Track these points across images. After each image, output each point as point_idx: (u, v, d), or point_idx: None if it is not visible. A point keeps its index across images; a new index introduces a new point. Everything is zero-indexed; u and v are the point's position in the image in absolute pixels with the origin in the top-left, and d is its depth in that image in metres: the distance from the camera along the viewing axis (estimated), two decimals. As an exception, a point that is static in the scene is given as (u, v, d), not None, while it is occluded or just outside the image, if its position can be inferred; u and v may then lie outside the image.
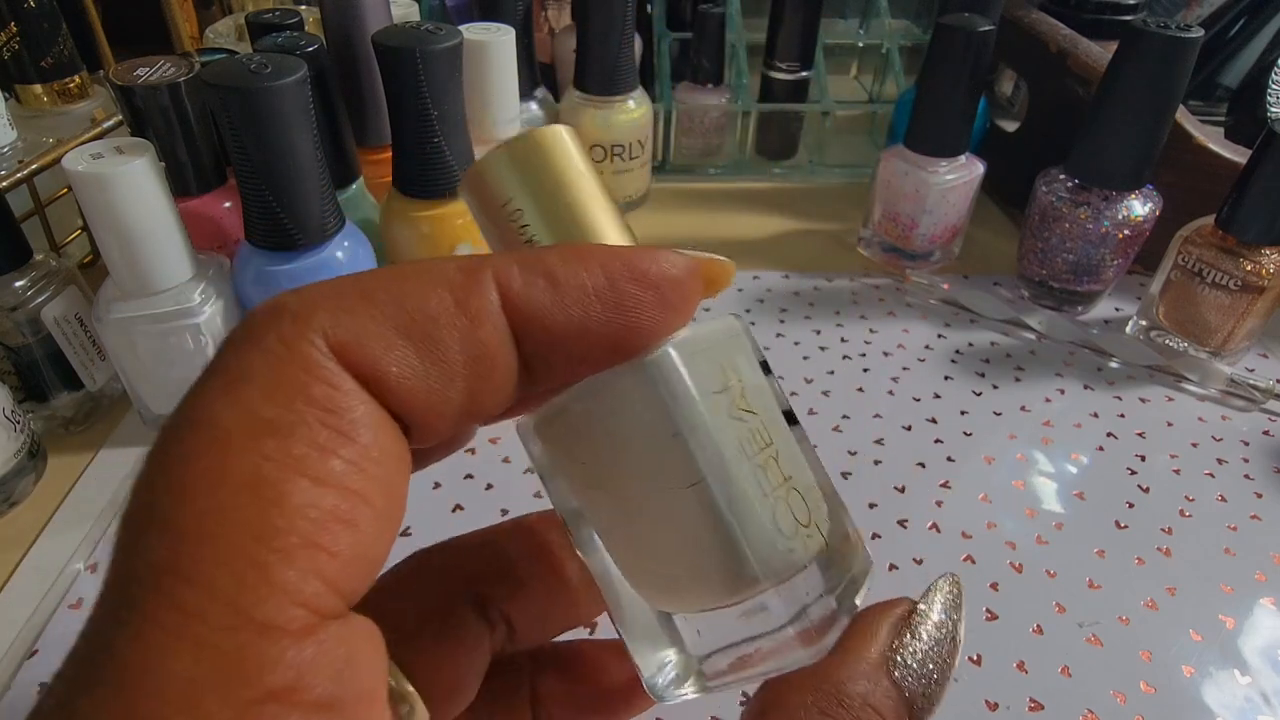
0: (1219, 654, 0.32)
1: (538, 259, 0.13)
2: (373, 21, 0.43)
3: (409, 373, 0.11)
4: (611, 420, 0.14)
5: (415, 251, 0.42)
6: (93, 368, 0.40)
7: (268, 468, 0.10)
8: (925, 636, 0.14)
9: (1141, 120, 0.44)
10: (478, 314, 0.12)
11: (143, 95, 0.36)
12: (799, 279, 0.53)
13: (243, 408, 0.10)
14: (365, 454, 0.11)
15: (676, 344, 0.14)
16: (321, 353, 0.11)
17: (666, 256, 0.13)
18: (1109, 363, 0.47)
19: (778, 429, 0.15)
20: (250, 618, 0.09)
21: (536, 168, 0.15)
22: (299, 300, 0.11)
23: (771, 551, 0.13)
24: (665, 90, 0.63)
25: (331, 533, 0.10)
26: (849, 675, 0.13)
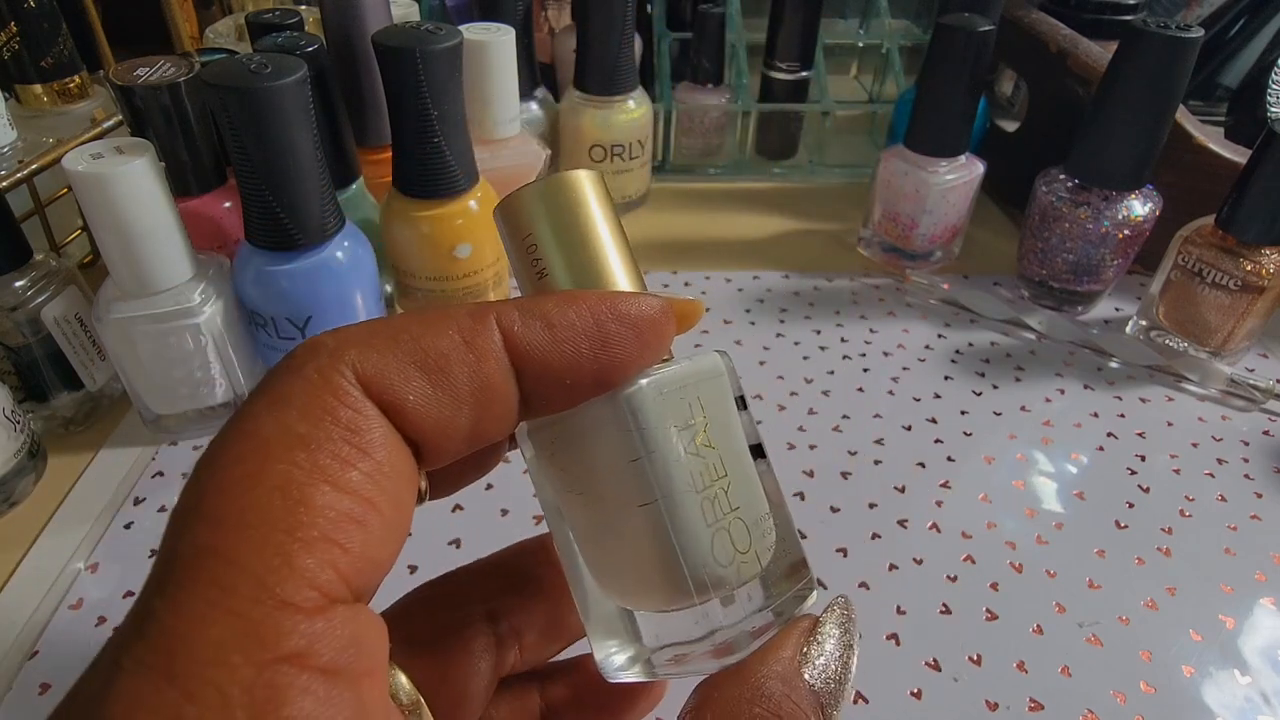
0: (1219, 654, 0.32)
1: (536, 304, 0.15)
2: (373, 21, 0.43)
3: (423, 401, 0.14)
4: (588, 439, 0.16)
5: (415, 251, 0.42)
6: (93, 368, 0.40)
7: (297, 473, 0.12)
8: (829, 645, 0.16)
9: (1141, 120, 0.44)
10: (483, 351, 0.14)
11: (143, 95, 0.36)
12: (799, 279, 0.53)
13: (282, 424, 0.13)
14: (379, 468, 0.13)
15: (650, 382, 0.16)
16: (349, 382, 0.13)
17: (644, 299, 0.16)
18: (1109, 363, 0.47)
19: (736, 463, 0.17)
20: (274, 594, 0.11)
21: (559, 208, 0.17)
22: (334, 339, 0.14)
23: (706, 572, 0.16)
24: (665, 90, 0.63)
25: (345, 531, 0.12)
26: (770, 673, 0.15)
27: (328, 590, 0.12)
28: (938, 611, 0.33)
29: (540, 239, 0.17)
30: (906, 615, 0.33)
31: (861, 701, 0.30)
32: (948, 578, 0.34)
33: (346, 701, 0.12)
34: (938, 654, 0.31)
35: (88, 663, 0.11)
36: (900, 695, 0.30)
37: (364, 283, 0.38)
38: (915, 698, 0.30)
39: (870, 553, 0.35)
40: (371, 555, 0.13)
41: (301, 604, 0.11)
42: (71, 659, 0.30)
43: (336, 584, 0.12)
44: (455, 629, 0.18)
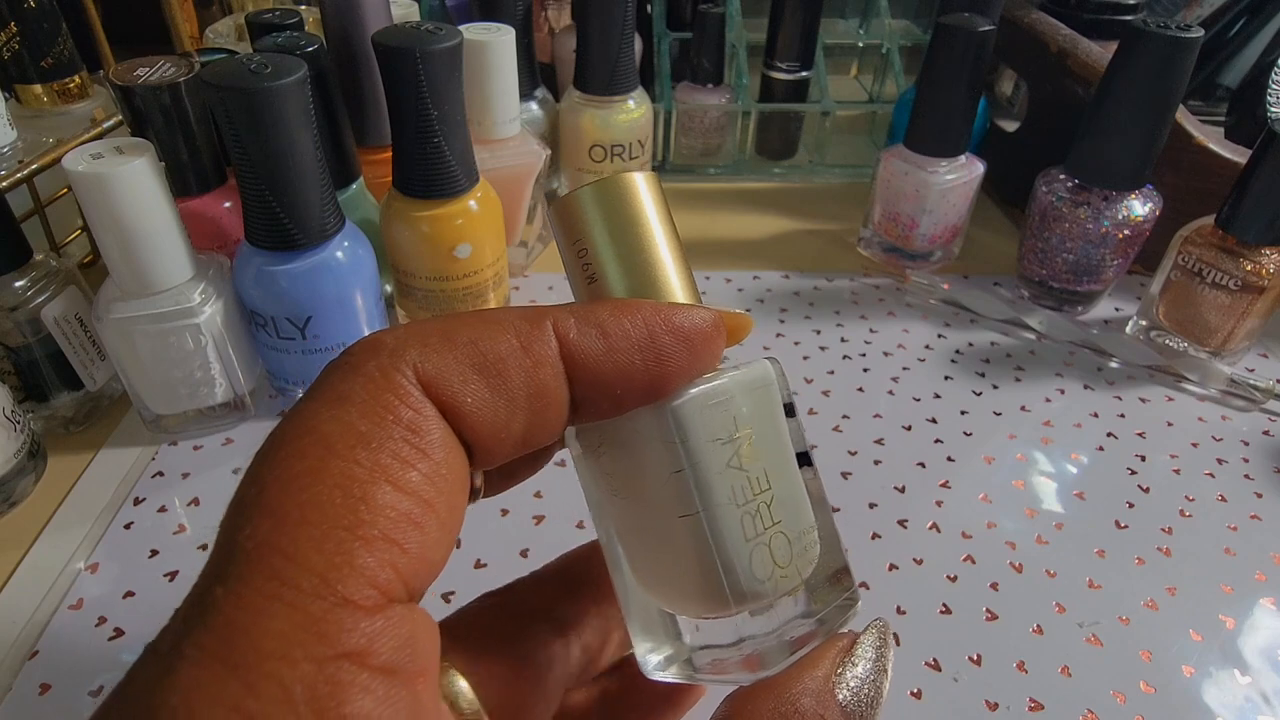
0: (1219, 654, 0.32)
1: (591, 312, 0.15)
2: (373, 21, 0.43)
3: (480, 404, 0.14)
4: (632, 446, 0.16)
5: (415, 251, 0.42)
6: (93, 368, 0.40)
7: (359, 471, 0.12)
8: (862, 666, 0.16)
9: (1141, 120, 0.44)
10: (539, 357, 0.14)
11: (143, 95, 0.36)
12: (799, 279, 0.53)
13: (343, 421, 0.13)
14: (437, 470, 0.13)
15: (696, 395, 0.16)
16: (410, 382, 0.13)
17: (697, 312, 0.16)
18: (1109, 363, 0.47)
19: (782, 474, 0.17)
20: (334, 591, 0.11)
21: (613, 211, 0.17)
22: (394, 338, 0.14)
23: (744, 586, 0.16)
24: (665, 90, 0.63)
25: (404, 531, 0.12)
26: (803, 690, 0.15)
27: (386, 589, 0.12)
28: (938, 611, 0.33)
29: (593, 243, 0.17)
30: (906, 615, 0.33)
31: (861, 701, 0.30)
32: (948, 578, 0.34)
33: (403, 700, 0.12)
34: (938, 654, 0.31)
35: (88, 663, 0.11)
36: (900, 695, 0.30)
37: (364, 283, 0.38)
38: (915, 698, 0.30)
39: (870, 553, 0.35)
40: (428, 556, 0.13)
41: (362, 602, 0.11)
42: (71, 659, 0.30)
43: (395, 583, 0.12)
44: (519, 638, 0.18)
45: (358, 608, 0.11)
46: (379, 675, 0.11)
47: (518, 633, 0.18)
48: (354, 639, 0.11)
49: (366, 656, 0.11)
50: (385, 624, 0.12)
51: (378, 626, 0.12)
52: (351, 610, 0.11)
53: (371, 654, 0.11)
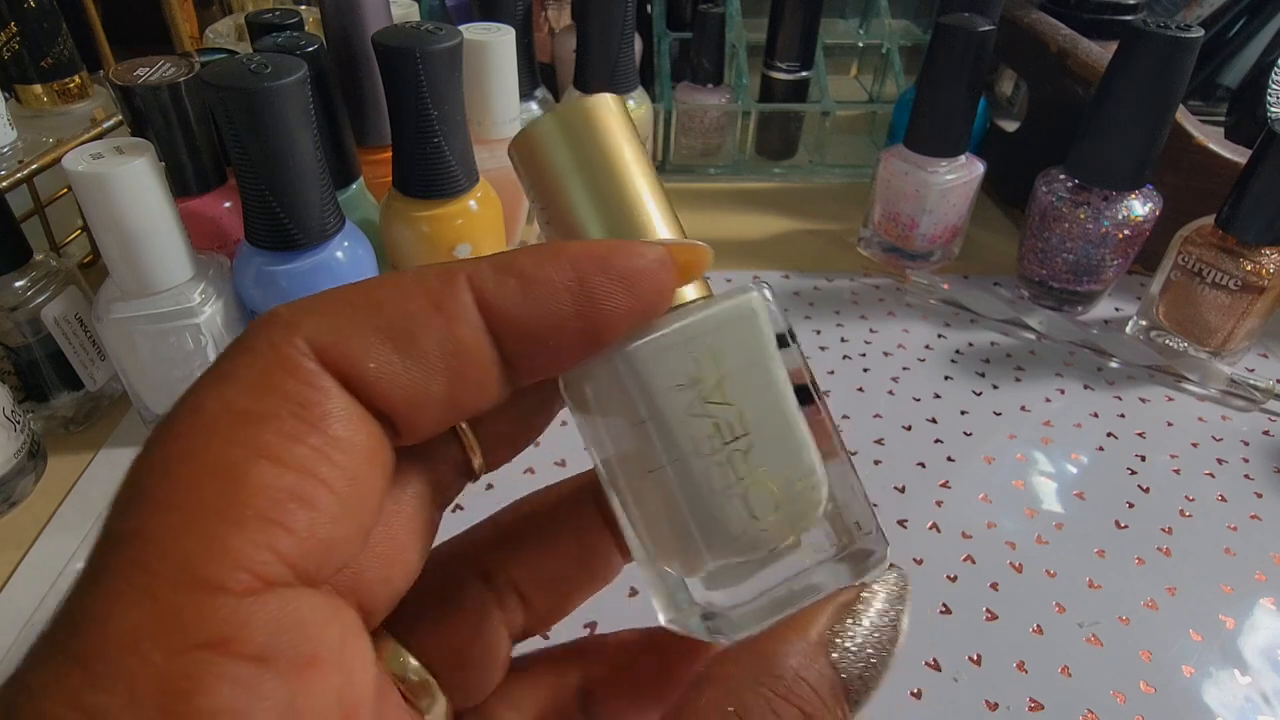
0: (1219, 654, 0.32)
1: (511, 260, 0.14)
2: (373, 21, 0.43)
3: (388, 369, 0.13)
4: (599, 400, 0.15)
5: (415, 251, 0.42)
6: (93, 368, 0.40)
7: (237, 451, 0.11)
8: (866, 623, 0.14)
9: (1141, 120, 0.44)
10: (452, 313, 0.13)
11: (143, 95, 0.36)
12: (799, 279, 0.53)
13: (224, 400, 0.12)
14: (333, 444, 0.12)
15: (648, 339, 0.14)
16: (303, 354, 0.12)
17: (636, 248, 0.14)
18: (1109, 363, 0.47)
19: (767, 416, 0.15)
20: (197, 576, 0.11)
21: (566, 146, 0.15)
22: (289, 309, 0.13)
23: (718, 541, 0.14)
24: (665, 90, 0.63)
25: (288, 510, 0.11)
26: (786, 651, 0.14)
27: (263, 573, 0.11)
28: (938, 611, 0.33)
29: (545, 184, 0.16)
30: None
31: (861, 701, 0.30)
32: (948, 578, 0.34)
33: (275, 690, 0.11)
34: (938, 654, 0.31)
35: None
36: (900, 695, 0.30)
37: (364, 283, 0.38)
38: (915, 698, 0.30)
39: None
40: (322, 535, 0.12)
41: (230, 587, 0.11)
42: (71, 659, 0.30)
43: (273, 565, 0.11)
44: (449, 594, 0.17)
45: (225, 593, 0.11)
46: (247, 663, 0.11)
47: (448, 588, 0.17)
48: (216, 627, 0.11)
49: (232, 644, 0.11)
50: (258, 609, 0.11)
51: (247, 612, 0.11)
52: (216, 596, 0.11)
53: (239, 641, 0.11)
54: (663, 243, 0.15)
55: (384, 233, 0.42)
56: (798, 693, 0.13)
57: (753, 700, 0.13)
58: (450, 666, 0.17)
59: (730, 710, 0.13)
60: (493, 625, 0.17)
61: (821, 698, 0.13)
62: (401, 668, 0.16)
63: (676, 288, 0.15)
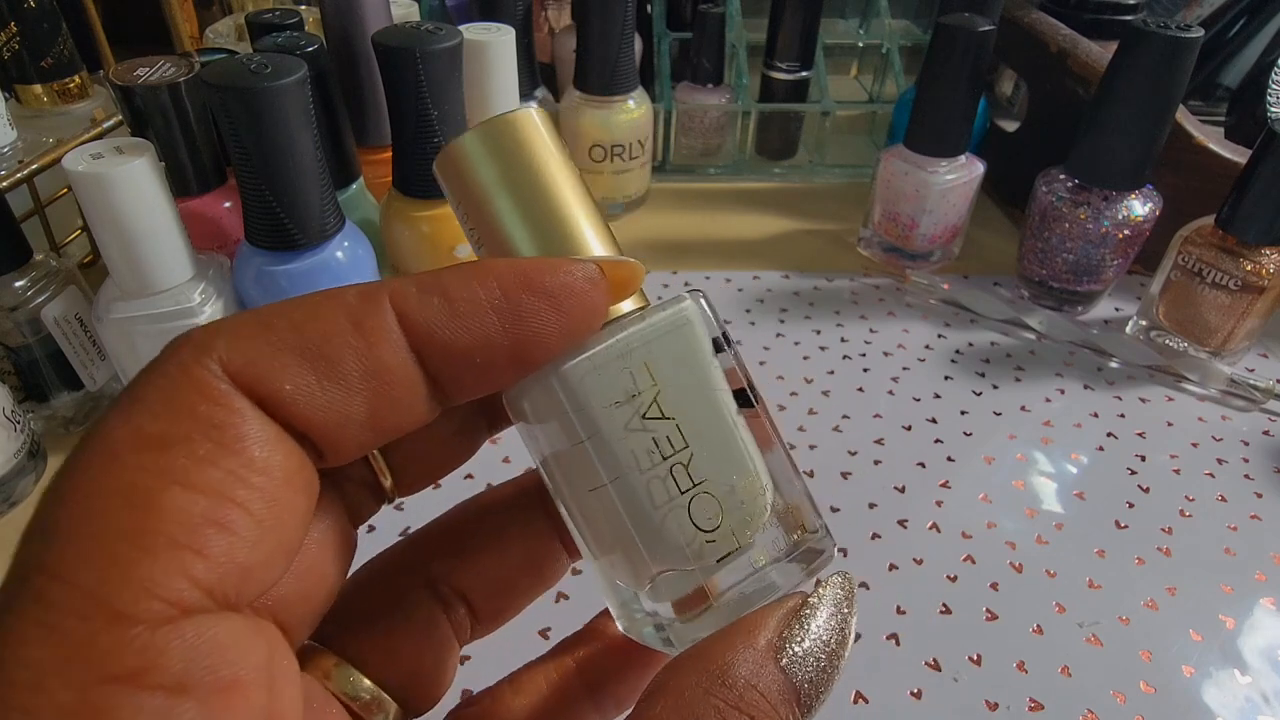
0: (1219, 654, 0.32)
1: (435, 278, 0.13)
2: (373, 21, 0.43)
3: (305, 391, 0.12)
4: (537, 415, 0.15)
5: (415, 251, 0.42)
6: (93, 368, 0.40)
7: (144, 477, 0.11)
8: (814, 627, 0.14)
9: (1141, 120, 0.44)
10: (373, 333, 0.13)
11: (143, 95, 0.36)
12: (799, 279, 0.53)
13: (132, 426, 0.12)
14: (249, 466, 0.12)
15: (583, 357, 0.14)
16: (215, 375, 0.12)
17: (565, 267, 0.14)
18: (1109, 363, 0.47)
19: (705, 427, 0.15)
20: (107, 607, 0.10)
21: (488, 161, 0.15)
22: (202, 330, 0.13)
23: (665, 552, 0.15)
24: (665, 90, 0.63)
25: (202, 535, 0.11)
26: (735, 659, 0.13)
27: (176, 600, 0.11)
28: (938, 611, 0.33)
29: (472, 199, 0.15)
30: (906, 615, 0.33)
31: (861, 701, 0.30)
32: (948, 578, 0.34)
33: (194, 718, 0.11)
34: (938, 654, 0.31)
35: None
36: (900, 695, 0.30)
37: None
38: (915, 698, 0.30)
39: (870, 553, 0.35)
40: (240, 560, 0.11)
41: (141, 616, 0.10)
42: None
43: (188, 592, 0.11)
44: (396, 607, 0.17)
45: (136, 623, 0.10)
46: (160, 694, 0.10)
47: (395, 601, 0.17)
48: (128, 659, 0.10)
49: (145, 675, 0.10)
50: (174, 638, 0.11)
51: (160, 642, 0.10)
52: (127, 627, 0.10)
53: (153, 672, 0.10)
54: (595, 259, 0.15)
55: (384, 233, 0.42)
56: (750, 700, 0.13)
57: (705, 710, 0.13)
58: (402, 678, 0.17)
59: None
60: (442, 634, 0.17)
61: (772, 704, 0.13)
62: (352, 688, 0.16)
63: (609, 305, 0.15)
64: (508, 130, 0.15)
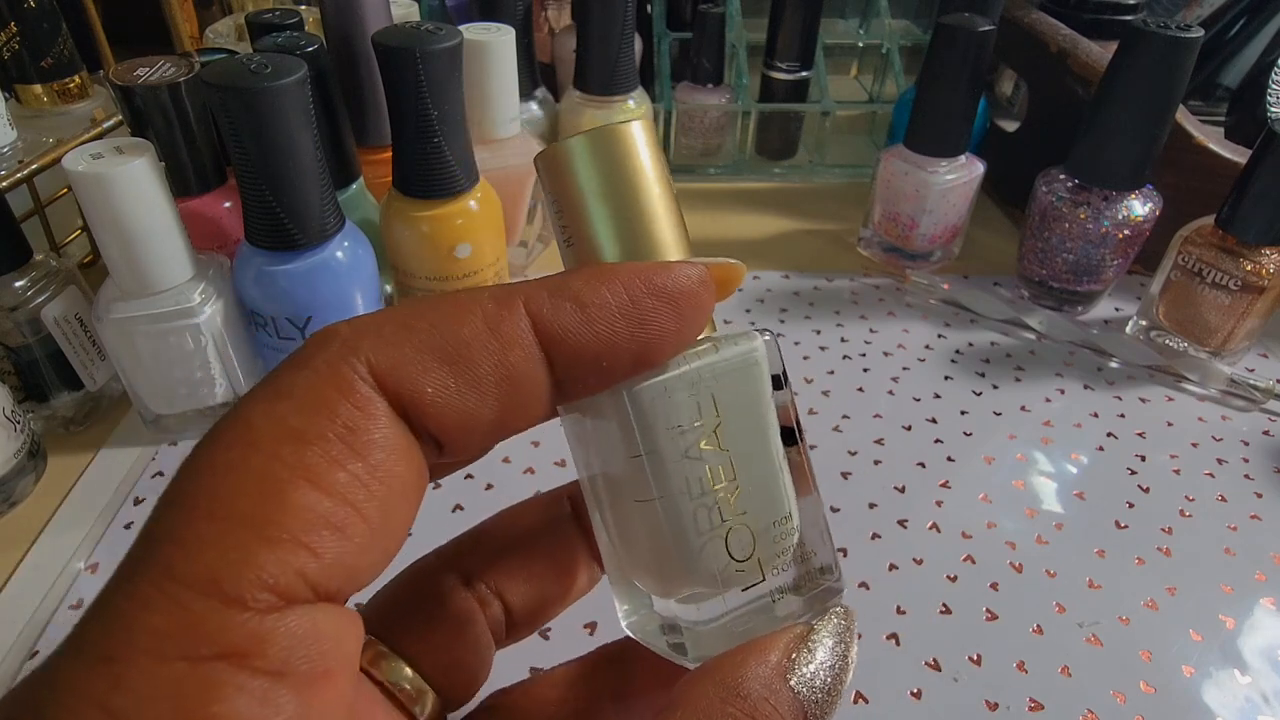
0: (1219, 654, 0.32)
1: (565, 284, 0.14)
2: (373, 21, 0.43)
3: (443, 394, 0.13)
4: (601, 426, 0.16)
5: (415, 251, 0.42)
6: (93, 368, 0.40)
7: (279, 468, 0.12)
8: (820, 654, 0.15)
9: (1141, 120, 0.44)
10: (509, 339, 0.13)
11: (143, 95, 0.36)
12: (799, 279, 0.53)
13: (275, 416, 0.12)
14: (372, 472, 0.12)
15: (658, 380, 0.15)
16: (360, 376, 0.12)
17: (681, 269, 0.15)
18: (1109, 363, 0.47)
19: (755, 463, 0.16)
20: (223, 589, 0.11)
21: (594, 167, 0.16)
22: (349, 327, 0.13)
23: (695, 574, 0.15)
24: (665, 90, 0.63)
25: (320, 536, 0.12)
26: (750, 675, 0.14)
27: (286, 592, 0.11)
28: (938, 611, 0.33)
29: (570, 202, 0.16)
30: (906, 615, 0.33)
31: (861, 701, 0.30)
32: (948, 578, 0.34)
33: (288, 704, 0.11)
34: (938, 654, 0.31)
35: None
36: (900, 695, 0.30)
37: (364, 283, 0.38)
38: (915, 698, 0.30)
39: (870, 553, 0.35)
40: (348, 564, 0.12)
41: (253, 603, 0.11)
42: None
43: (297, 587, 0.11)
44: (434, 600, 0.18)
45: (246, 608, 0.11)
46: (262, 677, 0.11)
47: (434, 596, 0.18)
48: (234, 640, 0.11)
49: (249, 658, 0.11)
50: (278, 625, 0.11)
51: (267, 628, 0.11)
52: (239, 610, 0.11)
53: (254, 656, 0.11)
54: (701, 261, 0.15)
55: (384, 233, 0.42)
56: (763, 711, 0.14)
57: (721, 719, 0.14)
58: (441, 671, 0.17)
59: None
60: (479, 630, 0.18)
61: (784, 717, 0.14)
62: (397, 676, 0.16)
63: (714, 305, 0.15)
64: (617, 141, 0.16)
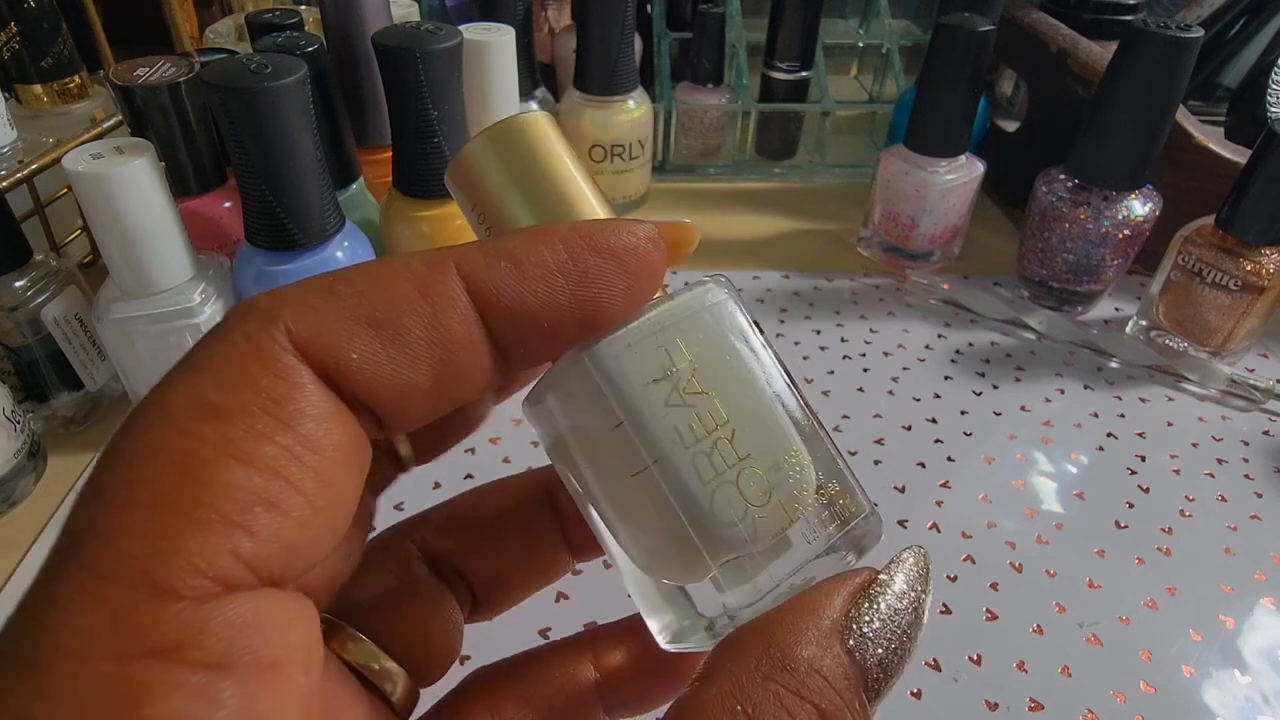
0: (1219, 654, 0.32)
1: (500, 243, 0.13)
2: (373, 21, 0.43)
3: (371, 360, 0.12)
4: (567, 408, 0.15)
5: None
6: (93, 368, 0.40)
7: (202, 447, 0.11)
8: (884, 606, 0.13)
9: (1141, 120, 0.44)
10: (440, 300, 0.13)
11: (143, 95, 0.36)
12: (799, 279, 0.53)
13: (194, 394, 0.11)
14: (303, 443, 0.12)
15: (614, 336, 0.14)
16: (281, 346, 0.12)
17: (627, 226, 0.14)
18: (1109, 363, 0.47)
19: (743, 400, 0.15)
20: (151, 580, 0.10)
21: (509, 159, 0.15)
22: (269, 298, 0.12)
23: (716, 536, 0.14)
24: (665, 90, 0.63)
25: (252, 513, 0.11)
26: (797, 640, 0.12)
27: (223, 577, 0.11)
28: (938, 611, 0.33)
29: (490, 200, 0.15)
30: (906, 615, 0.33)
31: (861, 701, 0.30)
32: (948, 578, 0.34)
33: (232, 698, 0.10)
34: (938, 654, 0.31)
35: None
36: (900, 695, 0.30)
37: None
38: (915, 698, 0.30)
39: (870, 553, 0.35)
40: (288, 539, 0.11)
41: (185, 591, 0.10)
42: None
43: (234, 569, 0.11)
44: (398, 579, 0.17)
45: (179, 598, 0.10)
46: (200, 671, 0.10)
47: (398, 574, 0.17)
48: (168, 634, 0.10)
49: (184, 651, 0.10)
50: (216, 615, 0.10)
51: (203, 618, 0.10)
52: (170, 601, 0.10)
53: (191, 648, 0.10)
54: (652, 221, 0.14)
55: (384, 233, 0.42)
56: (812, 687, 0.12)
57: (763, 697, 0.12)
58: (410, 649, 0.17)
59: (739, 709, 0.12)
60: (447, 608, 0.17)
61: (838, 691, 0.12)
62: (366, 657, 0.16)
63: (667, 267, 0.14)
64: (517, 131, 0.15)
